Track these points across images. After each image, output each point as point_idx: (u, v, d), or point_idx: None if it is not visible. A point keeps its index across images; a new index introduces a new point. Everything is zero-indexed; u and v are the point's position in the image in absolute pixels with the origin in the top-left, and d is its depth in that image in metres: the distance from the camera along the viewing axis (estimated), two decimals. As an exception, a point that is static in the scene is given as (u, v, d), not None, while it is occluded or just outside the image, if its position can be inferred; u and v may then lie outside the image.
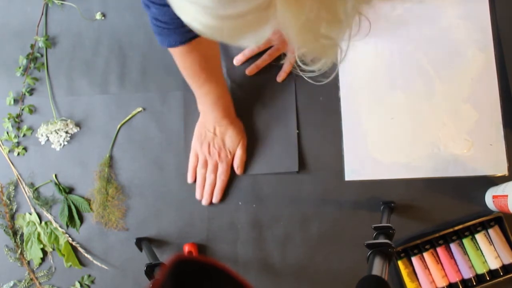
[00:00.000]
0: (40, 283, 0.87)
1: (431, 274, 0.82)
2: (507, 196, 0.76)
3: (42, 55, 0.93)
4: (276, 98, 0.88)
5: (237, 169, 0.86)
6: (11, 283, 0.87)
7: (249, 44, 0.41)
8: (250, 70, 0.88)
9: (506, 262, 0.81)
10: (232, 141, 0.85)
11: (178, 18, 0.47)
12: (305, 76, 0.50)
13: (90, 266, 0.87)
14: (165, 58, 0.91)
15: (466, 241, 0.82)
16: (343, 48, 0.46)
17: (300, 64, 0.48)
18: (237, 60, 0.89)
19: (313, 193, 0.86)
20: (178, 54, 0.72)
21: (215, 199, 0.86)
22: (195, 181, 0.87)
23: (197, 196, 0.87)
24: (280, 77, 0.88)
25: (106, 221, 0.87)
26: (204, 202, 0.86)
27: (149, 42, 0.92)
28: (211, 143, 0.85)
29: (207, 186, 0.86)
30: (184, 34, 0.67)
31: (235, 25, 0.39)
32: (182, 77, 0.89)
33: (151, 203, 0.88)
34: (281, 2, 0.37)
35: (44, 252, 0.88)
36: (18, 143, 0.91)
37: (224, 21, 0.38)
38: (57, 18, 0.94)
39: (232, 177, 0.87)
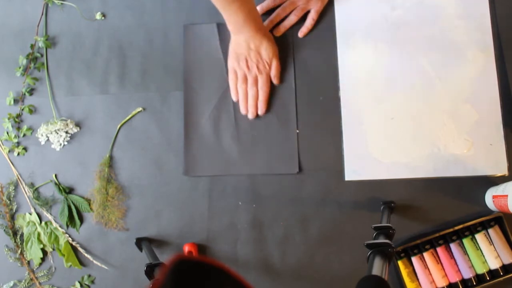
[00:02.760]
0: (40, 283, 0.87)
1: (431, 274, 0.82)
2: (507, 196, 0.76)
3: (42, 55, 0.93)
4: (276, 98, 0.88)
5: (275, 79, 0.88)
6: (11, 283, 0.87)
7: None
8: (278, 31, 0.90)
9: (506, 262, 0.81)
10: (267, 52, 0.86)
11: None
12: None
13: (90, 266, 0.87)
14: (165, 58, 0.91)
15: (466, 241, 0.82)
16: None
17: None
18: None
19: (313, 193, 0.86)
20: None
21: (260, 111, 0.88)
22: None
23: (242, 111, 0.88)
24: (302, 32, 0.90)
25: (106, 221, 0.87)
26: (250, 115, 0.88)
27: (149, 42, 0.92)
28: (248, 57, 0.86)
29: (250, 100, 0.87)
30: None
31: None
32: (182, 77, 0.90)
33: (151, 203, 0.88)
34: None
35: (44, 252, 0.88)
36: (18, 143, 0.91)
37: None
38: (57, 18, 0.94)
39: (232, 177, 0.87)
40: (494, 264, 0.81)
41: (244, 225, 0.86)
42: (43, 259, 0.88)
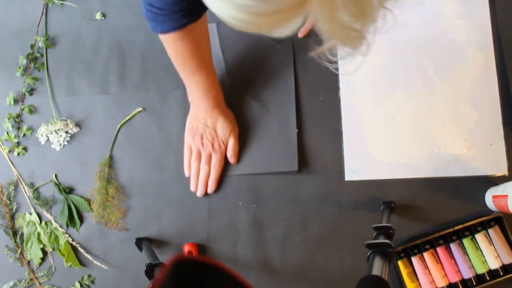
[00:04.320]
0: (40, 283, 0.87)
1: (431, 274, 0.82)
2: (507, 196, 0.76)
3: (42, 55, 0.93)
4: (276, 98, 0.88)
5: (231, 159, 0.86)
6: (11, 283, 0.87)
7: (280, 35, 0.44)
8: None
9: (506, 262, 0.81)
10: (223, 130, 0.85)
11: (173, 4, 0.46)
12: (330, 66, 0.51)
13: (90, 266, 0.87)
14: (165, 58, 0.90)
15: (466, 241, 0.82)
16: (369, 40, 0.47)
17: (329, 56, 0.48)
18: None
19: (313, 193, 0.86)
20: (170, 40, 0.71)
21: (209, 190, 0.86)
22: None
23: (192, 187, 0.87)
24: (302, 33, 0.89)
25: (106, 221, 0.87)
26: (199, 193, 0.86)
27: (149, 42, 0.92)
28: (204, 134, 0.85)
29: (201, 177, 0.86)
30: (178, 20, 0.66)
31: (270, 20, 0.40)
32: (182, 77, 0.90)
33: (151, 203, 0.88)
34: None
35: (44, 252, 0.88)
36: (18, 143, 0.91)
37: (259, 17, 0.40)
38: (57, 18, 0.94)
39: (232, 177, 0.87)
40: (494, 264, 0.80)
41: (244, 225, 0.86)
42: (43, 259, 0.88)
